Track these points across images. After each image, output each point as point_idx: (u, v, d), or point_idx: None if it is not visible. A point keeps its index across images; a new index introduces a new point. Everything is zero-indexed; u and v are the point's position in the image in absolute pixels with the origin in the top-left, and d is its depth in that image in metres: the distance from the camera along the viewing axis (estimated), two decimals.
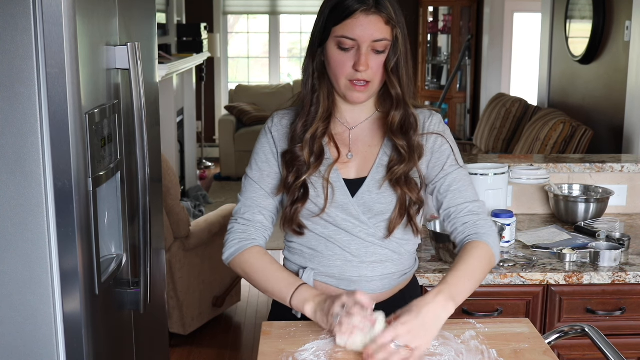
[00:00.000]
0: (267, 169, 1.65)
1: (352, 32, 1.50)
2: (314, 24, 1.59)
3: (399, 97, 1.58)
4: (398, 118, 1.59)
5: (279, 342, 1.47)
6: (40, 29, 1.37)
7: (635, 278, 2.05)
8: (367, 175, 1.62)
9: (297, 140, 1.60)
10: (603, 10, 4.30)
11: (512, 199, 2.67)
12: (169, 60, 5.02)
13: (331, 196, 1.59)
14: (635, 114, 3.75)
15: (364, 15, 1.50)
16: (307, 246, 1.65)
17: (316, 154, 1.59)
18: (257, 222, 1.65)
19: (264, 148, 1.67)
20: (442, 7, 7.30)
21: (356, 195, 1.61)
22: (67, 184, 1.42)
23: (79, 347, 1.50)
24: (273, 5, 8.21)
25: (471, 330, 1.53)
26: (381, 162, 1.62)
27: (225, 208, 3.81)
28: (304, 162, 1.59)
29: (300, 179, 1.59)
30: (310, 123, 1.59)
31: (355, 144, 1.64)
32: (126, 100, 1.75)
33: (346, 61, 1.53)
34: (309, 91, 1.60)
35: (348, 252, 1.61)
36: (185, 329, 3.49)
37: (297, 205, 1.60)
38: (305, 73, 1.61)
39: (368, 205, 1.60)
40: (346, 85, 1.55)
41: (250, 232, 1.64)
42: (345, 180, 1.61)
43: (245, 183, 1.68)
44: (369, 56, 1.52)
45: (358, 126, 1.65)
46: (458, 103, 7.06)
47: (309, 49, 1.61)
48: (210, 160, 8.01)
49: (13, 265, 1.45)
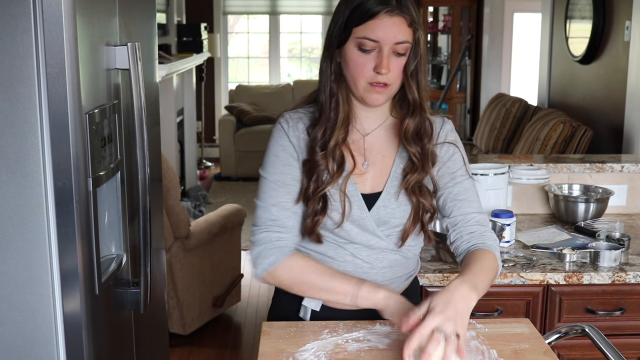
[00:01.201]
0: (291, 172, 1.57)
1: (374, 34, 1.45)
2: (331, 23, 1.53)
3: (416, 102, 1.54)
4: (413, 125, 1.55)
5: (279, 342, 1.47)
6: (40, 29, 1.37)
7: (635, 278, 2.05)
8: (382, 190, 1.59)
9: (319, 148, 1.53)
10: (603, 10, 4.30)
11: (512, 199, 2.67)
12: (169, 60, 5.03)
13: (348, 210, 1.55)
14: (635, 114, 3.75)
15: (388, 16, 1.45)
16: (316, 251, 1.61)
17: (338, 162, 1.54)
18: (291, 227, 1.56)
19: (285, 150, 1.57)
20: (442, 7, 7.30)
21: (372, 209, 1.57)
22: (67, 184, 1.42)
23: (79, 347, 1.50)
24: (273, 5, 8.21)
25: (471, 330, 1.53)
26: (395, 175, 1.59)
27: (225, 208, 3.81)
28: (326, 171, 1.54)
29: (320, 189, 1.53)
30: (330, 130, 1.53)
31: (370, 152, 1.60)
32: (126, 100, 1.75)
33: (367, 63, 1.48)
34: (327, 95, 1.54)
35: (359, 259, 1.60)
36: (185, 329, 3.49)
37: (318, 217, 1.54)
38: (322, 75, 1.55)
39: (384, 219, 1.58)
40: (365, 87, 1.50)
41: (286, 239, 1.54)
42: (362, 194, 1.58)
43: (266, 186, 1.56)
44: (390, 59, 1.47)
45: (372, 132, 1.60)
46: (458, 103, 7.05)
47: (325, 50, 1.55)
48: (210, 160, 8.01)
49: (13, 265, 1.45)
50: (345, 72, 1.52)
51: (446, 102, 6.94)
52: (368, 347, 1.47)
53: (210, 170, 7.70)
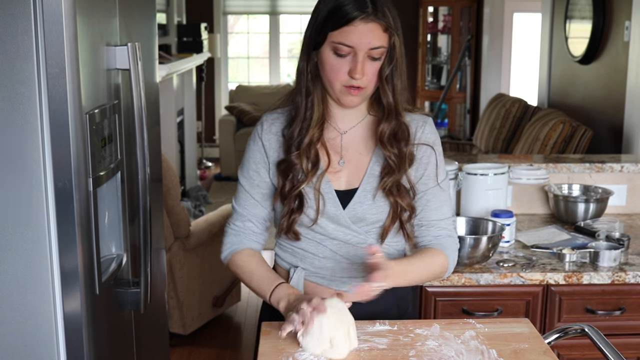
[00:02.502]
0: (256, 178, 1.65)
1: (349, 39, 1.48)
2: (308, 25, 1.56)
3: (391, 106, 1.56)
4: (388, 130, 1.57)
5: (279, 342, 1.47)
6: (40, 29, 1.37)
7: (634, 278, 2.06)
8: (357, 187, 1.61)
9: (294, 147, 1.58)
10: (603, 10, 4.30)
11: (512, 199, 2.67)
12: (169, 60, 5.03)
13: (322, 207, 1.59)
14: (635, 114, 3.75)
15: (363, 23, 1.47)
16: (298, 247, 1.65)
17: (312, 161, 1.58)
18: (247, 228, 1.68)
19: (254, 157, 1.65)
20: (442, 7, 7.29)
21: (347, 207, 1.60)
22: (67, 184, 1.42)
23: (79, 347, 1.50)
24: (273, 5, 8.21)
25: (471, 330, 1.53)
26: (372, 172, 1.61)
27: (225, 208, 3.81)
28: (300, 170, 1.58)
29: (296, 188, 1.58)
30: (305, 129, 1.57)
31: (346, 150, 1.62)
32: (126, 101, 1.75)
33: (341, 67, 1.50)
34: (303, 95, 1.57)
35: (339, 255, 1.62)
36: (185, 329, 3.49)
37: (294, 215, 1.59)
38: (300, 75, 1.58)
39: (359, 216, 1.60)
40: (340, 89, 1.53)
41: (240, 237, 1.68)
42: (336, 191, 1.60)
43: (238, 187, 1.70)
44: (365, 63, 1.49)
45: (350, 131, 1.63)
46: (458, 103, 7.05)
47: (303, 51, 1.57)
48: (210, 160, 8.01)
49: (13, 265, 1.45)
50: (321, 73, 1.55)
51: (446, 102, 6.94)
52: (368, 347, 1.47)
53: (210, 170, 7.70)
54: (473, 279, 2.03)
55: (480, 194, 2.42)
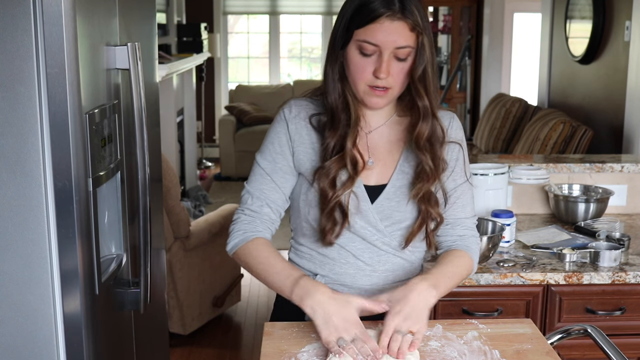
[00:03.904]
0: (280, 160, 1.58)
1: (374, 38, 1.44)
2: (335, 24, 1.52)
3: (427, 109, 1.52)
4: (426, 133, 1.53)
5: (281, 343, 1.47)
6: (40, 29, 1.36)
7: (635, 278, 2.05)
8: (387, 183, 1.58)
9: (335, 151, 1.52)
10: (603, 10, 4.30)
11: (512, 199, 2.67)
12: (169, 60, 5.02)
13: (351, 202, 1.54)
14: (635, 114, 3.75)
15: (389, 20, 1.43)
16: (317, 251, 1.61)
17: (352, 163, 1.53)
18: (265, 214, 1.59)
19: (280, 138, 1.58)
20: (442, 7, 7.29)
21: (375, 202, 1.57)
22: (67, 184, 1.42)
23: (79, 347, 1.50)
24: (273, 5, 8.21)
25: (474, 330, 1.53)
26: (402, 169, 1.58)
27: (225, 208, 3.81)
28: (340, 174, 1.52)
29: (338, 195, 1.51)
30: (344, 132, 1.52)
31: (374, 149, 1.59)
32: (126, 101, 1.75)
33: (366, 66, 1.47)
34: (337, 97, 1.53)
35: (361, 261, 1.59)
36: (185, 329, 3.49)
37: (340, 229, 1.53)
38: (328, 77, 1.53)
39: (386, 212, 1.57)
40: (365, 90, 1.49)
41: (256, 223, 1.59)
42: (365, 186, 1.57)
43: (255, 171, 1.60)
44: (391, 63, 1.46)
45: (375, 130, 1.59)
46: (458, 103, 7.06)
47: (330, 51, 1.54)
48: (210, 160, 8.01)
49: (13, 265, 1.45)
50: (346, 73, 1.52)
51: (446, 102, 6.94)
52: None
53: (210, 170, 7.70)
54: (473, 279, 2.03)
55: (480, 194, 2.42)
